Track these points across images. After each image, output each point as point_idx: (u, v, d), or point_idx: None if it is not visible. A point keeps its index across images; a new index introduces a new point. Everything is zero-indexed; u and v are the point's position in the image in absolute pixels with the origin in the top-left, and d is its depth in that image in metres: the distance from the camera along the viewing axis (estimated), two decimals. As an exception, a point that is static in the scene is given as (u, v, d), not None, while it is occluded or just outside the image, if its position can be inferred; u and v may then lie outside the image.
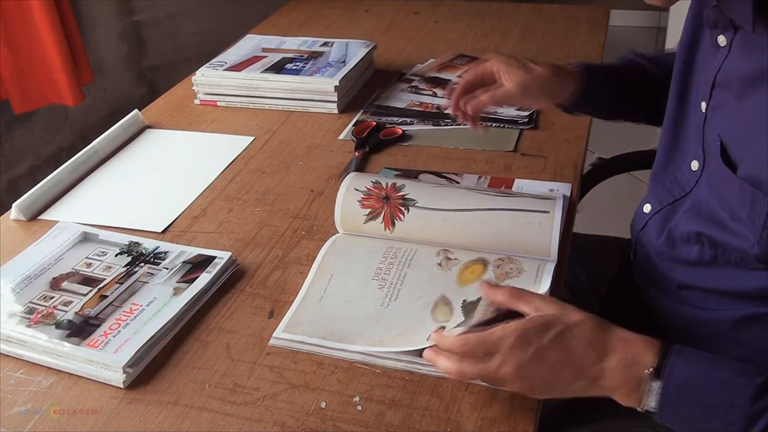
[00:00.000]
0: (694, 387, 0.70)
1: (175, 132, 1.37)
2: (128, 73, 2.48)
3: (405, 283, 0.93)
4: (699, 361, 0.71)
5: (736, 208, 0.81)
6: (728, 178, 0.81)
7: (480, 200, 1.01)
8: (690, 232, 0.89)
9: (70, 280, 0.95)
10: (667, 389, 0.70)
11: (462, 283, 0.93)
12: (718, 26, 0.84)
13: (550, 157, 1.22)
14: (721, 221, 0.84)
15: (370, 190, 1.03)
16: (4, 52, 1.96)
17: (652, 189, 0.99)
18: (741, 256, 0.83)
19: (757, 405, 0.67)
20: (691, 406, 0.70)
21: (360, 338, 0.85)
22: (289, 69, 1.46)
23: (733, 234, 0.82)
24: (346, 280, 0.94)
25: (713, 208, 0.86)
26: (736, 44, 0.82)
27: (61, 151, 2.27)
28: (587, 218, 1.51)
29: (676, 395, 0.70)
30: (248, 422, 0.77)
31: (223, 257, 0.98)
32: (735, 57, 0.82)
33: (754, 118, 0.78)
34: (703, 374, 0.70)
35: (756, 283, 0.83)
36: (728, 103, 0.83)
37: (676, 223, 0.92)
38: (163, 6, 2.48)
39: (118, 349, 0.83)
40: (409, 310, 0.89)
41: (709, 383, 0.70)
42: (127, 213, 1.12)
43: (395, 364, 0.82)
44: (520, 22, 1.84)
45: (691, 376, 0.70)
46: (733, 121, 0.82)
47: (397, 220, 1.00)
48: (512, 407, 0.77)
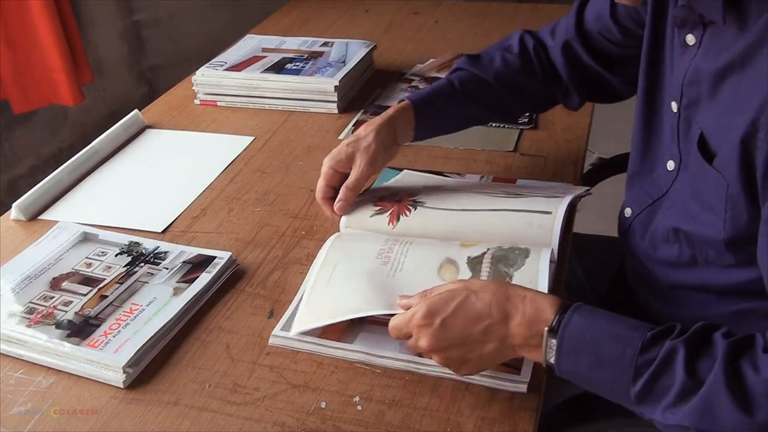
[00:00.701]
0: (586, 339, 0.72)
1: (175, 132, 1.37)
2: (128, 73, 2.48)
3: (408, 256, 0.93)
4: (595, 317, 0.74)
5: (705, 197, 0.83)
6: (703, 169, 0.82)
7: (485, 201, 1.02)
8: (668, 230, 0.90)
9: (70, 280, 0.95)
10: (562, 342, 0.73)
11: (465, 246, 0.94)
12: (687, 25, 0.84)
13: (550, 157, 1.22)
14: (694, 214, 0.86)
15: (386, 198, 1.07)
16: (4, 52, 1.96)
17: (630, 193, 1.00)
18: (716, 253, 0.84)
19: (644, 356, 0.70)
20: (584, 357, 0.73)
21: (370, 305, 0.86)
22: (289, 69, 1.46)
23: (704, 225, 0.84)
24: (351, 265, 0.94)
25: (687, 203, 0.87)
26: (705, 42, 0.83)
27: (61, 151, 2.27)
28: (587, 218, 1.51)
29: (570, 348, 0.73)
30: (248, 422, 0.77)
31: (223, 257, 0.98)
32: (704, 54, 0.83)
33: (727, 111, 0.79)
34: (595, 328, 0.73)
35: (736, 279, 0.84)
36: (702, 99, 0.84)
37: (656, 225, 0.93)
38: (163, 6, 2.48)
39: (118, 349, 0.83)
40: (416, 275, 0.90)
41: (600, 336, 0.72)
42: (127, 213, 1.12)
43: (394, 363, 0.83)
44: (520, 22, 1.84)
45: (585, 330, 0.73)
46: (711, 117, 0.83)
47: (403, 216, 1.02)
48: (512, 407, 0.77)
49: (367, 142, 1.04)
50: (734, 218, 0.79)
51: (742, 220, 0.79)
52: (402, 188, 1.11)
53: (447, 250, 0.94)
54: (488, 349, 0.76)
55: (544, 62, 1.14)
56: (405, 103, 1.09)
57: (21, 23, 1.97)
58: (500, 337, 0.76)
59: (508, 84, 1.13)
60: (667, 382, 0.69)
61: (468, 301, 0.77)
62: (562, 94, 1.15)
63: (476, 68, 1.13)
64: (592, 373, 0.73)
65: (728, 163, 0.77)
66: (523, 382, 0.79)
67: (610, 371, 0.72)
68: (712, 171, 0.80)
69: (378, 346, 0.84)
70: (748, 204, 0.77)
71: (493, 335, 0.76)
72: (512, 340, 0.76)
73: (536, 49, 1.14)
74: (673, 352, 0.69)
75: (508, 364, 0.80)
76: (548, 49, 1.14)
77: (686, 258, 0.89)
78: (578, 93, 1.14)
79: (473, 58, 1.15)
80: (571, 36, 1.11)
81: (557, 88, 1.15)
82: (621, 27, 1.05)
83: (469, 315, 0.76)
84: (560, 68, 1.12)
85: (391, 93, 1.47)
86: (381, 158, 1.06)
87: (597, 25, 1.08)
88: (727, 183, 0.78)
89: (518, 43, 1.15)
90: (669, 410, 0.69)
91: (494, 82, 1.12)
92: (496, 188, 1.10)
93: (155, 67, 2.54)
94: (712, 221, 0.82)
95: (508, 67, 1.13)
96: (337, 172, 1.05)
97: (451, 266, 0.90)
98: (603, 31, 1.08)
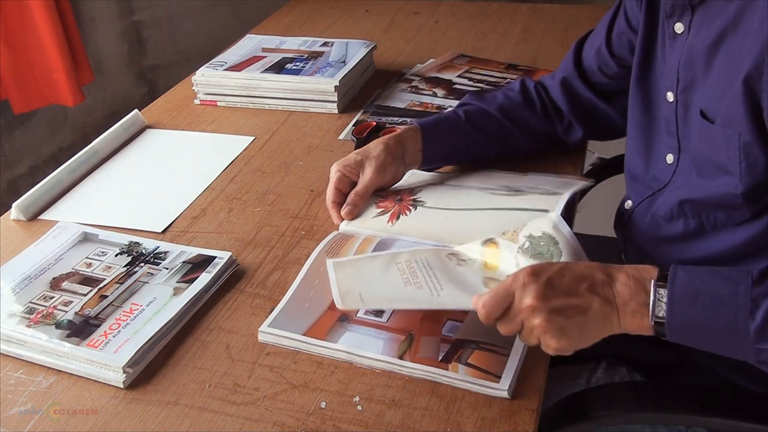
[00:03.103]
0: (698, 286, 0.74)
1: (175, 132, 1.37)
2: (128, 73, 2.48)
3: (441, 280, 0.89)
4: (698, 269, 0.76)
5: (716, 159, 0.84)
6: (709, 134, 0.84)
7: (484, 200, 1.02)
8: (672, 207, 0.92)
9: (70, 280, 0.95)
10: (674, 291, 0.74)
11: (488, 269, 0.93)
12: (675, 13, 0.88)
13: (550, 157, 1.22)
14: (701, 184, 0.88)
15: (388, 193, 1.07)
16: (4, 52, 1.96)
17: (631, 189, 1.03)
18: (727, 214, 0.86)
19: (759, 288, 0.72)
20: (698, 302, 0.73)
21: (412, 301, 0.85)
22: (289, 69, 1.46)
23: (716, 188, 0.85)
24: (381, 289, 0.90)
25: (692, 179, 0.90)
26: (695, 23, 0.86)
27: (61, 151, 2.27)
28: (587, 218, 1.51)
29: (683, 295, 0.74)
30: (248, 422, 0.77)
31: (223, 257, 0.98)
32: (696, 34, 0.86)
33: (722, 75, 0.82)
34: (704, 276, 0.75)
35: (748, 235, 0.86)
36: (696, 80, 0.87)
37: (657, 207, 0.96)
38: (163, 6, 2.48)
39: (118, 349, 0.83)
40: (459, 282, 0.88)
41: (710, 281, 0.74)
42: (127, 213, 1.12)
43: (376, 364, 0.82)
44: (520, 22, 1.84)
45: (694, 278, 0.74)
46: (706, 92, 0.86)
47: (402, 215, 1.03)
48: (512, 407, 0.77)
49: (376, 152, 1.07)
50: (750, 167, 0.81)
51: (759, 166, 0.80)
52: (404, 187, 1.11)
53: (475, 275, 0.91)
54: (593, 309, 0.75)
55: (545, 99, 1.18)
56: (413, 125, 1.12)
57: (21, 23, 1.97)
58: (605, 296, 0.75)
59: (511, 116, 1.16)
60: None
61: (570, 264, 0.78)
62: (564, 128, 1.18)
63: (480, 102, 1.17)
64: (708, 317, 0.73)
65: (734, 114, 0.79)
66: (502, 389, 0.78)
67: (726, 310, 0.72)
68: (719, 129, 0.82)
69: (361, 346, 0.84)
70: (763, 147, 0.79)
71: (598, 294, 0.75)
72: (618, 299, 0.75)
73: (536, 88, 1.19)
74: None
75: (488, 371, 0.80)
76: (548, 89, 1.19)
77: (692, 228, 0.91)
78: (580, 126, 1.17)
79: (477, 94, 1.20)
80: (570, 73, 1.16)
81: (559, 122, 1.18)
82: (617, 59, 1.09)
83: (573, 274, 0.77)
84: (560, 103, 1.17)
85: (391, 93, 1.47)
86: (389, 169, 1.08)
87: (596, 60, 1.13)
88: (738, 133, 0.80)
89: (519, 84, 1.21)
90: None
91: (497, 113, 1.16)
92: (499, 183, 1.10)
93: (155, 67, 2.54)
94: (725, 181, 0.84)
95: (509, 101, 1.17)
96: (345, 177, 1.07)
97: (493, 282, 0.88)
98: (602, 65, 1.12)
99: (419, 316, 0.88)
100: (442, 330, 0.86)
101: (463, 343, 0.84)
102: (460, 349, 0.83)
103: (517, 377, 0.80)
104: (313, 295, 0.92)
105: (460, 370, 0.80)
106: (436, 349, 0.83)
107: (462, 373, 0.80)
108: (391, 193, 1.08)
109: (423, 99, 1.44)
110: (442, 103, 1.41)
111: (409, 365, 0.82)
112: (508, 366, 0.80)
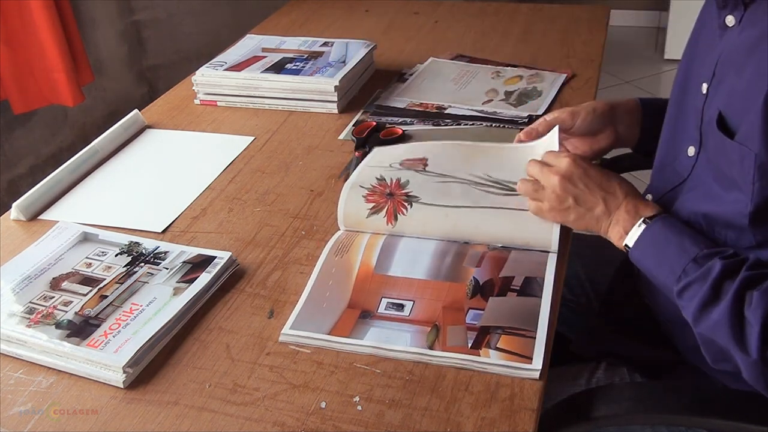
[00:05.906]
0: (658, 239, 0.89)
1: (175, 132, 1.37)
2: (128, 73, 2.48)
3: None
4: (672, 226, 0.89)
5: (729, 173, 0.84)
6: (724, 146, 0.83)
7: (482, 198, 1.02)
8: (690, 216, 0.91)
9: (70, 280, 0.95)
10: (644, 235, 0.90)
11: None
12: (728, 5, 0.86)
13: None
14: (716, 194, 0.87)
15: (375, 187, 1.05)
16: (4, 52, 1.96)
17: (655, 178, 1.03)
18: (736, 235, 0.86)
19: (691, 265, 0.84)
20: (652, 251, 0.90)
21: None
22: (289, 69, 1.45)
23: (727, 204, 0.85)
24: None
25: (709, 185, 0.89)
26: (745, 20, 0.84)
27: (61, 151, 2.27)
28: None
29: (646, 240, 0.90)
30: (248, 422, 0.77)
31: (223, 257, 0.98)
32: (741, 32, 0.85)
33: (750, 86, 0.80)
34: (670, 235, 0.88)
35: None
36: (728, 78, 0.86)
37: (677, 208, 0.95)
38: (163, 6, 2.48)
39: (118, 349, 0.83)
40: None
41: (669, 241, 0.88)
42: (127, 213, 1.12)
43: (405, 356, 0.83)
44: (520, 22, 1.84)
45: (664, 232, 0.89)
46: (732, 93, 0.84)
47: (400, 215, 1.02)
48: (512, 407, 0.77)
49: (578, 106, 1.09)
50: (763, 188, 0.80)
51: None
52: (389, 172, 1.07)
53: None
54: (595, 211, 0.94)
55: None
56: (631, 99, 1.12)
57: (21, 23, 1.97)
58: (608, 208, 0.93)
59: None
60: (697, 290, 0.82)
61: (608, 172, 0.96)
62: None
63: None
64: (652, 266, 0.90)
65: (753, 132, 0.78)
66: (535, 369, 0.80)
67: (665, 268, 0.87)
68: (735, 145, 0.81)
69: (389, 341, 0.85)
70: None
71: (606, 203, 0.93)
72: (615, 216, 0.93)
73: None
74: (712, 269, 0.81)
75: (519, 353, 0.81)
76: None
77: None
78: None
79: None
80: None
81: None
82: None
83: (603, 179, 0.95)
84: None
85: (391, 93, 1.47)
86: (585, 119, 1.07)
87: None
88: (755, 153, 0.79)
89: None
90: (696, 316, 0.82)
91: None
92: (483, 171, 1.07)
93: (155, 67, 2.54)
94: (736, 198, 0.83)
95: None
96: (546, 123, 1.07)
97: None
98: None
99: (440, 306, 0.89)
100: (465, 318, 0.87)
101: (488, 330, 0.85)
102: (487, 335, 0.84)
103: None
104: (330, 296, 0.93)
105: (492, 355, 0.82)
106: (464, 337, 0.85)
107: (495, 357, 0.81)
108: (378, 187, 1.05)
109: (423, 99, 1.44)
110: (442, 103, 1.41)
111: (440, 354, 0.82)
112: (537, 348, 0.82)
